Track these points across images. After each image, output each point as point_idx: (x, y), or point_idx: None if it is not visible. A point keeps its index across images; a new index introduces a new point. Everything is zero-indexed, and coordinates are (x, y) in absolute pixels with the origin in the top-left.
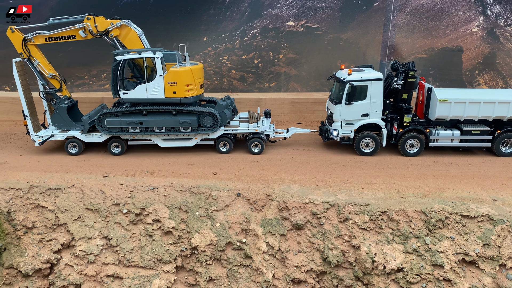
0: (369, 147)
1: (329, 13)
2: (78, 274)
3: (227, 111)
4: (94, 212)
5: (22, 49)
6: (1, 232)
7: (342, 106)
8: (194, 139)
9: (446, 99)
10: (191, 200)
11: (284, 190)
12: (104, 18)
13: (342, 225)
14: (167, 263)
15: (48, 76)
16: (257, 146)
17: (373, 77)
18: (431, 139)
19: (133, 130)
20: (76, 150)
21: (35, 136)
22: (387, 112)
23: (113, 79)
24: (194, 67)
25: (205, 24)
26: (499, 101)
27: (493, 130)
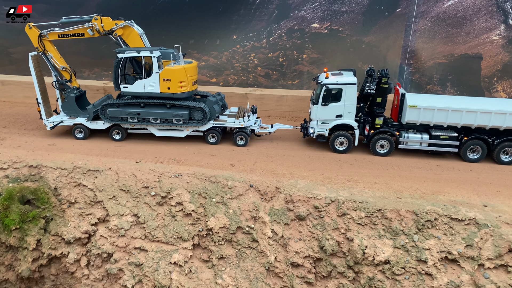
0: (342, 145)
1: (353, 17)
2: (111, 245)
3: (216, 107)
4: (126, 192)
5: (38, 44)
6: (49, 204)
7: (318, 107)
8: (186, 130)
9: (416, 105)
10: (210, 188)
11: (292, 184)
12: (110, 19)
13: (339, 219)
14: (185, 241)
15: (60, 68)
16: (242, 139)
17: (347, 82)
18: (401, 142)
19: (131, 120)
20: (82, 135)
21: (47, 121)
22: (360, 114)
23: (115, 74)
24: (187, 65)
25: (235, 23)
26: (467, 110)
27: (462, 137)
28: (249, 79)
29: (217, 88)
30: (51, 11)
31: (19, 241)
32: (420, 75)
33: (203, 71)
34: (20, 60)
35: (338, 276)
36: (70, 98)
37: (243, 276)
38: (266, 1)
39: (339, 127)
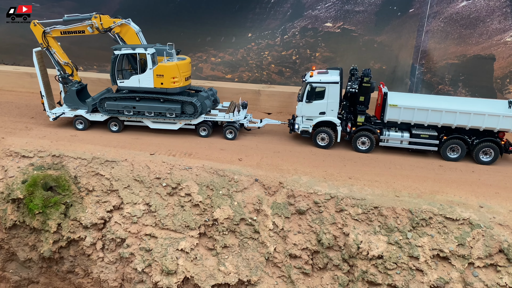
0: (324, 141)
1: (365, 17)
2: (124, 231)
3: (207, 101)
4: (140, 183)
5: (42, 40)
6: (69, 192)
7: (303, 104)
8: (179, 123)
9: (396, 105)
10: (217, 181)
11: (295, 180)
12: (109, 17)
13: (337, 215)
14: (192, 229)
15: (62, 63)
16: (231, 133)
17: (330, 80)
18: (382, 139)
19: (127, 113)
20: (82, 126)
21: (49, 113)
22: (343, 111)
23: (112, 69)
24: (180, 62)
25: (251, 21)
26: (446, 110)
27: (442, 136)
28: (263, 76)
29: (232, 84)
30: (77, 8)
31: (41, 224)
32: (431, 75)
33: (218, 67)
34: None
35: (334, 269)
36: (71, 91)
37: (244, 265)
38: (281, 0)
39: (322, 124)
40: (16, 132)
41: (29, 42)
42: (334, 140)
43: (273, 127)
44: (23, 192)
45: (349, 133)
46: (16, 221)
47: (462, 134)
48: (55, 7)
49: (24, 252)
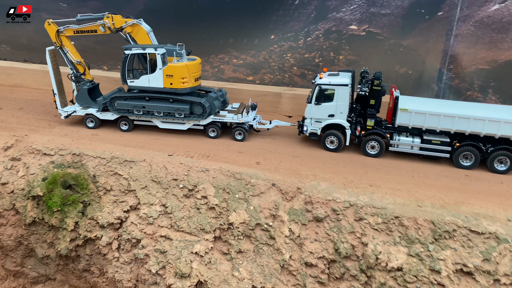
0: (333, 144)
1: (392, 19)
2: (139, 232)
3: (216, 102)
4: (157, 183)
5: (56, 39)
6: (87, 190)
7: (311, 106)
8: (187, 124)
9: (407, 109)
10: (234, 184)
11: (313, 186)
12: (121, 17)
13: (356, 223)
14: (207, 233)
15: (75, 62)
16: (240, 134)
17: (340, 83)
18: (392, 144)
19: (137, 113)
20: (93, 125)
21: (61, 111)
22: (353, 114)
23: (122, 69)
24: (190, 62)
25: (274, 23)
26: (459, 116)
27: (455, 142)
28: (285, 78)
29: (253, 86)
30: (102, 9)
31: (59, 222)
32: (460, 80)
33: (240, 69)
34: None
35: (351, 279)
36: (83, 90)
37: (258, 271)
38: (305, 3)
39: (331, 126)
40: (39, 130)
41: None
42: (343, 143)
43: (294, 130)
44: (42, 189)
45: (359, 137)
46: (35, 218)
47: (476, 141)
48: (81, 7)
49: (42, 248)
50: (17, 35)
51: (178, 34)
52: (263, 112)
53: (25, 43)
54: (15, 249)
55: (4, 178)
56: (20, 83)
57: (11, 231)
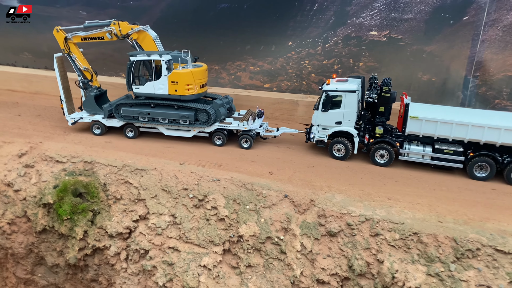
0: (340, 152)
1: (414, 25)
2: (148, 242)
3: (222, 109)
4: (167, 193)
5: (64, 46)
6: (97, 199)
7: (318, 112)
8: (193, 131)
9: (417, 117)
10: (245, 195)
11: (327, 198)
12: (127, 23)
13: (372, 239)
14: (216, 245)
15: (82, 69)
16: (246, 142)
17: (347, 89)
18: (402, 153)
19: (142, 119)
20: (99, 131)
21: (68, 117)
22: (361, 122)
23: (127, 75)
24: (195, 69)
25: (291, 29)
26: (473, 124)
27: (469, 152)
28: (302, 85)
29: (270, 94)
30: (120, 16)
31: (69, 230)
32: (487, 88)
33: (257, 76)
34: (93, 61)
35: None
36: (90, 97)
37: (268, 287)
38: (323, 8)
39: (338, 134)
40: (54, 137)
41: None
42: (351, 151)
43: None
44: (53, 197)
45: (367, 145)
46: (46, 225)
47: (491, 151)
48: (100, 15)
49: (52, 257)
50: (39, 43)
51: (195, 41)
52: (280, 120)
53: (46, 51)
54: (26, 256)
55: (17, 185)
56: (40, 90)
57: (22, 239)
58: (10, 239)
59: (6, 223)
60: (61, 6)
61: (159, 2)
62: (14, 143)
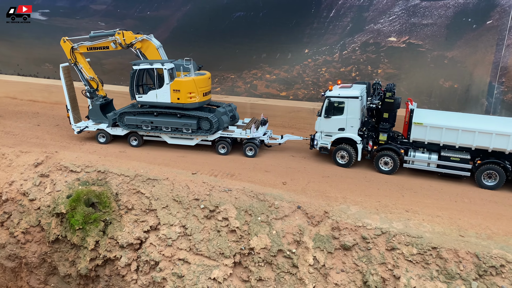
0: (343, 159)
1: (435, 30)
2: (158, 253)
3: (225, 117)
4: (178, 203)
5: (70, 55)
6: (109, 209)
7: (321, 119)
8: (195, 139)
9: (421, 123)
10: (256, 206)
11: (342, 210)
12: (131, 33)
13: (388, 253)
14: (227, 258)
15: (88, 78)
16: (251, 150)
17: (349, 95)
18: (406, 160)
19: (145, 128)
20: (104, 140)
21: (74, 126)
22: (364, 128)
23: (131, 84)
24: (197, 77)
25: (308, 37)
26: (480, 131)
27: (477, 160)
28: (319, 93)
29: (286, 102)
30: (138, 26)
31: (81, 240)
32: None
33: (273, 84)
34: (111, 70)
35: None
36: (95, 106)
37: None
38: (340, 15)
39: (342, 141)
40: (70, 147)
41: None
42: (355, 159)
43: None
44: (66, 207)
45: (370, 152)
46: (59, 235)
47: (500, 159)
48: (118, 26)
49: (65, 267)
50: (59, 54)
51: (210, 50)
52: (296, 129)
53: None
54: (39, 266)
55: (32, 195)
56: (60, 100)
57: (36, 248)
58: (24, 248)
59: (20, 232)
60: (81, 17)
61: (175, 12)
62: (31, 152)
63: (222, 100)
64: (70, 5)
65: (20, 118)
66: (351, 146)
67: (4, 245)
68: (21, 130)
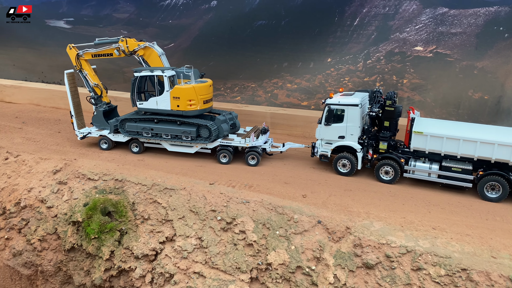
0: (345, 168)
1: (464, 39)
2: (173, 266)
3: (225, 125)
4: (195, 214)
5: (75, 62)
6: (126, 218)
7: (321, 126)
8: (195, 147)
9: (421, 132)
10: (275, 219)
11: (365, 226)
12: (135, 40)
13: (414, 274)
14: (243, 272)
15: (92, 85)
16: (253, 159)
17: (349, 103)
18: (407, 170)
19: (146, 135)
20: (107, 146)
21: (78, 132)
22: (365, 137)
23: (132, 91)
24: (198, 85)
25: (331, 45)
26: (482, 141)
27: (479, 171)
28: None
29: (307, 112)
30: (159, 35)
31: (96, 249)
32: None
33: (294, 94)
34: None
35: None
36: (98, 112)
37: None
38: (364, 23)
39: (342, 149)
40: (89, 154)
41: (116, 67)
42: (357, 167)
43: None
44: (82, 215)
45: (370, 161)
46: (74, 244)
47: (504, 171)
48: (140, 34)
49: (80, 276)
50: None
51: (231, 58)
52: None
53: None
54: (54, 274)
55: (50, 202)
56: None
57: (52, 256)
58: (41, 256)
59: (37, 239)
60: (104, 26)
61: (197, 21)
62: (51, 159)
63: (241, 109)
64: (94, 14)
65: (42, 125)
66: (352, 154)
67: (21, 252)
68: (42, 136)
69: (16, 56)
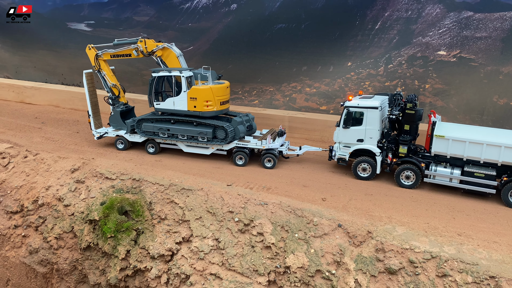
0: (365, 172)
1: (489, 43)
2: (189, 267)
3: (241, 127)
4: (212, 215)
5: (94, 62)
6: (142, 218)
7: (340, 129)
8: (211, 148)
9: (443, 136)
10: (294, 222)
11: (387, 230)
12: (153, 41)
13: (439, 280)
14: (261, 275)
15: (111, 85)
16: (269, 161)
17: (369, 105)
18: (427, 175)
19: (162, 135)
20: (123, 146)
21: (94, 132)
22: (384, 140)
23: (149, 91)
24: (215, 86)
25: (351, 49)
26: (506, 146)
27: (503, 177)
28: None
29: (326, 116)
30: (178, 38)
31: (112, 249)
32: None
33: (313, 98)
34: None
35: None
36: (116, 112)
37: None
38: (386, 27)
39: (360, 152)
40: (107, 154)
41: (134, 70)
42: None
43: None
44: (99, 214)
45: (390, 165)
46: (90, 242)
47: None
48: (160, 37)
49: (95, 275)
50: None
51: (250, 62)
52: None
53: None
54: (70, 273)
55: (67, 200)
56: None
57: (68, 254)
58: (57, 254)
59: (54, 237)
60: (124, 28)
61: (216, 24)
62: (69, 158)
63: (259, 112)
64: (114, 17)
65: (61, 125)
66: (372, 158)
67: (38, 250)
68: (61, 136)
69: (37, 58)
